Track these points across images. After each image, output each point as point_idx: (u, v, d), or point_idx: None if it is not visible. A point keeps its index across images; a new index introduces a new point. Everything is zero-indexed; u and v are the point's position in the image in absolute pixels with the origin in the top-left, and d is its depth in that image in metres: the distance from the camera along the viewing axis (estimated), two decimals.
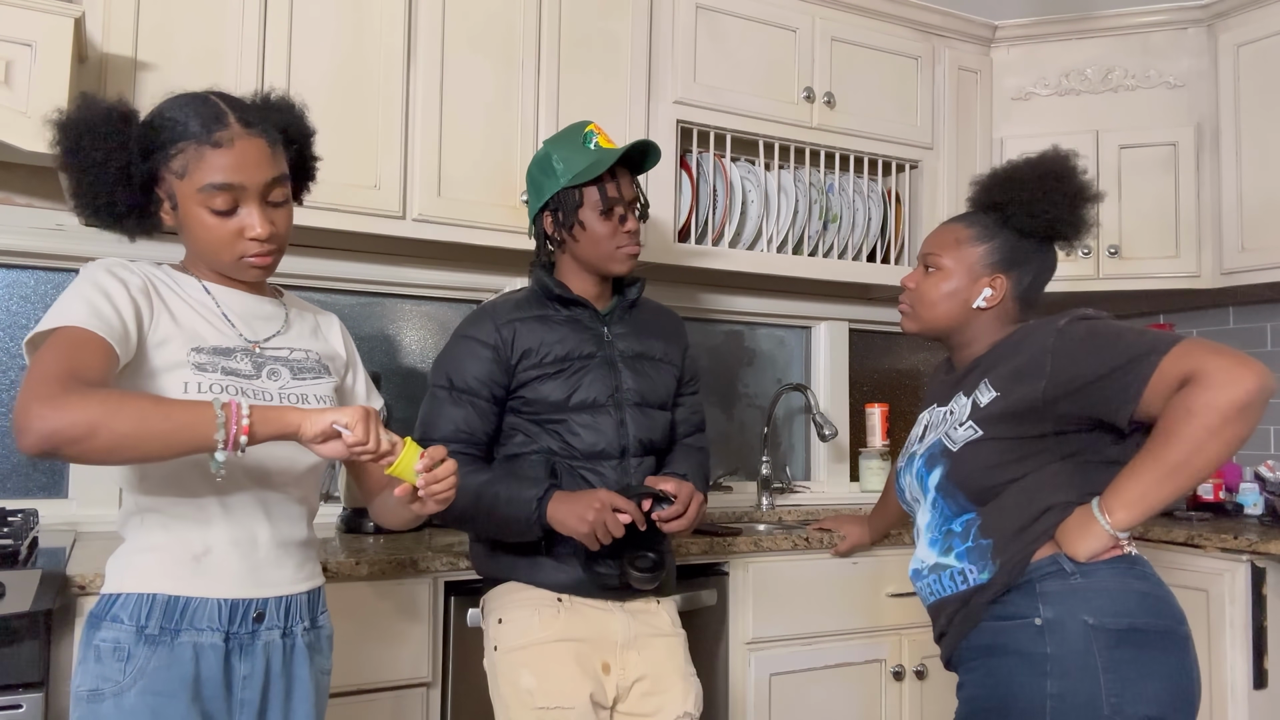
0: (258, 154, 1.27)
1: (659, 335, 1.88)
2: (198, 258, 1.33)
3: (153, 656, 1.21)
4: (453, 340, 1.80)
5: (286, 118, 1.37)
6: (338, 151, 2.16)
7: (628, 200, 1.77)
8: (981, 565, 1.51)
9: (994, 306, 1.62)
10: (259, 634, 1.28)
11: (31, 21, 1.81)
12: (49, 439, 1.05)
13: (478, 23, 2.33)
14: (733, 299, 3.02)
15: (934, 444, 1.60)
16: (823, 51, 2.79)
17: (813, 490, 3.16)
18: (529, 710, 1.64)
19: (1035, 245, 1.63)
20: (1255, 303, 3.08)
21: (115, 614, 1.23)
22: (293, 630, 1.32)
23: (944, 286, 1.64)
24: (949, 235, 1.66)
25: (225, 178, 1.25)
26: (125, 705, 1.19)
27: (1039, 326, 1.55)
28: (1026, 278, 1.63)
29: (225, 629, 1.25)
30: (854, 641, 2.37)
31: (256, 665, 1.28)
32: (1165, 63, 2.92)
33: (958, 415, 1.58)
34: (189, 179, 1.25)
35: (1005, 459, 1.50)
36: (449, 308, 2.68)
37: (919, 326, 1.68)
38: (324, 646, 1.40)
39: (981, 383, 1.56)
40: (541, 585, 1.71)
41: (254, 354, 1.33)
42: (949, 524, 1.57)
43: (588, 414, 1.74)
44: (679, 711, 1.71)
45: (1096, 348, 1.46)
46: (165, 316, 1.27)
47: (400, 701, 1.88)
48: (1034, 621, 1.45)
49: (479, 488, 1.68)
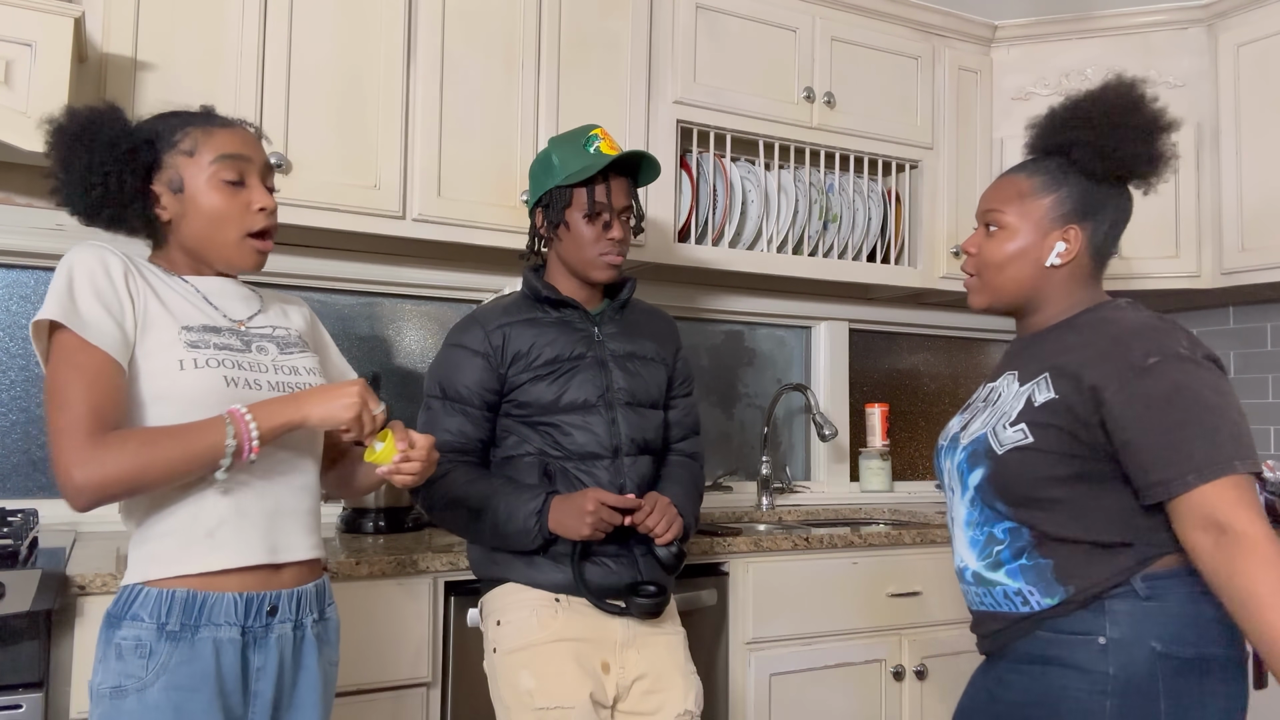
0: (254, 139, 1.40)
1: (650, 335, 1.88)
2: (199, 242, 1.36)
3: (174, 652, 1.24)
4: (444, 349, 1.81)
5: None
6: (338, 151, 2.16)
7: (617, 208, 1.77)
8: (1045, 588, 1.37)
9: (1069, 262, 1.43)
10: (272, 627, 1.31)
11: (31, 21, 1.81)
12: (96, 499, 1.18)
13: (478, 23, 2.33)
14: (733, 299, 3.02)
15: (979, 439, 1.43)
16: (823, 51, 2.79)
17: (813, 490, 3.16)
18: (529, 711, 1.64)
19: (1108, 189, 1.44)
20: (1255, 303, 3.08)
21: (135, 612, 1.25)
22: (303, 622, 1.35)
23: (1010, 246, 1.44)
24: (1010, 188, 1.46)
25: (237, 149, 1.35)
26: (149, 701, 1.22)
27: (1120, 336, 1.35)
28: (1102, 227, 1.44)
29: (242, 623, 1.28)
30: (854, 641, 2.37)
31: (270, 658, 1.31)
32: (1165, 63, 2.92)
33: (1006, 408, 1.42)
34: (199, 155, 1.33)
35: (1055, 473, 1.35)
36: (449, 308, 2.68)
37: (989, 298, 1.49)
38: (332, 638, 1.42)
39: (1042, 376, 1.39)
40: (539, 586, 1.71)
41: (240, 331, 1.37)
42: (990, 527, 1.42)
43: (579, 414, 1.74)
44: (680, 709, 1.71)
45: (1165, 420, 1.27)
46: (152, 299, 1.30)
47: (400, 701, 1.88)
48: (1098, 640, 1.33)
49: (478, 502, 1.69)
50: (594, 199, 1.75)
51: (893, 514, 3.00)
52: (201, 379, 1.27)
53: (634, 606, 1.70)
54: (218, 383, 1.28)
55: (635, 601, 1.70)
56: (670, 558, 1.72)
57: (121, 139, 1.30)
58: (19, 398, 2.22)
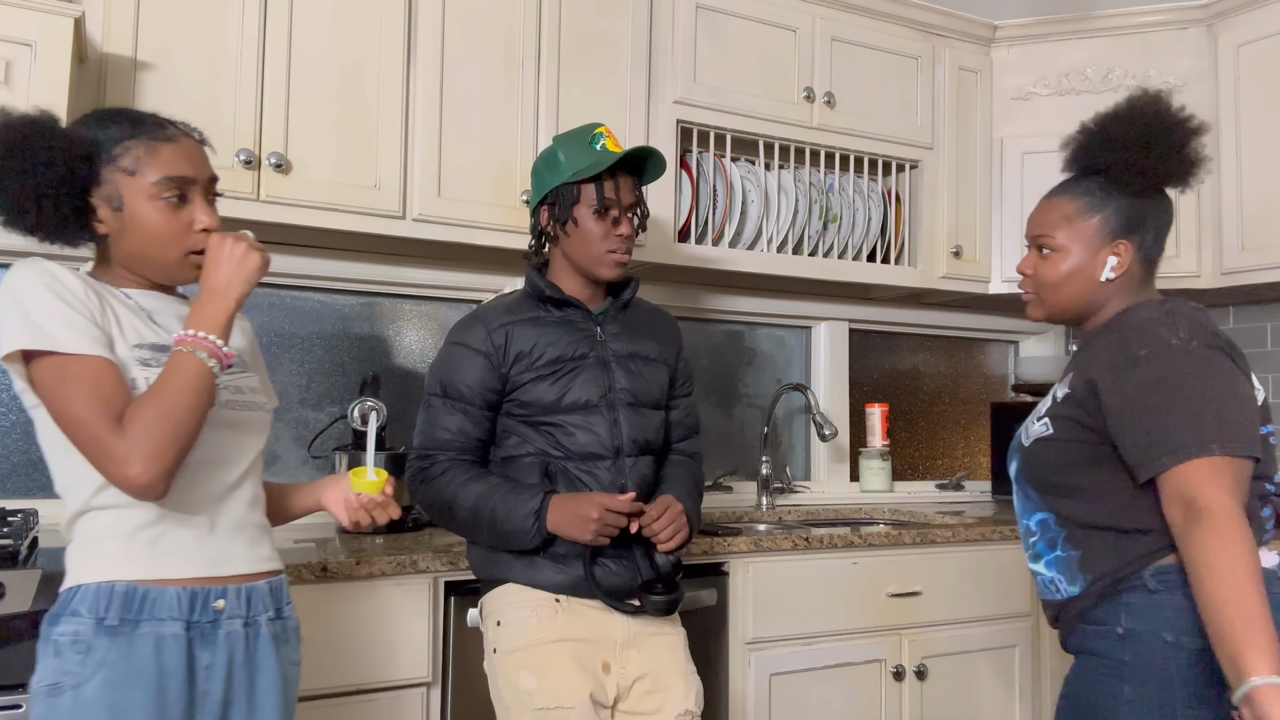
0: (200, 152, 1.36)
1: (652, 336, 1.88)
2: (137, 260, 1.33)
3: (112, 648, 1.21)
4: (445, 347, 1.80)
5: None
6: (338, 151, 2.16)
7: (625, 204, 1.77)
8: (1070, 578, 1.50)
9: (1122, 274, 1.53)
10: (220, 623, 1.28)
11: (31, 21, 1.81)
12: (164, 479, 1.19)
13: (478, 22, 2.33)
14: (733, 299, 3.02)
15: (1016, 437, 1.59)
16: (823, 51, 2.79)
17: (813, 490, 3.16)
18: (529, 711, 1.64)
19: (1150, 199, 1.54)
20: (1255, 303, 3.08)
21: (74, 608, 1.23)
22: (256, 620, 1.32)
23: (1065, 266, 1.54)
24: (1056, 212, 1.56)
25: (179, 170, 1.30)
26: (84, 697, 1.19)
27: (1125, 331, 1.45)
28: (1149, 236, 1.54)
29: (186, 618, 1.25)
30: (854, 641, 2.37)
31: (219, 655, 1.27)
32: (1165, 63, 2.92)
33: (1041, 409, 1.55)
34: (141, 174, 1.29)
35: (1071, 460, 1.47)
36: (449, 308, 2.68)
37: (1046, 312, 1.59)
38: (291, 638, 1.39)
39: (1069, 374, 1.52)
40: (539, 586, 1.71)
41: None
42: (1026, 519, 1.57)
43: (580, 414, 1.74)
44: (680, 709, 1.72)
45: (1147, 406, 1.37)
46: (108, 311, 1.28)
47: (400, 701, 1.88)
48: (1116, 630, 1.44)
49: (476, 501, 1.69)
50: (603, 194, 1.74)
51: (893, 514, 3.00)
52: None
53: (649, 605, 1.70)
54: None
55: (650, 600, 1.70)
56: (668, 565, 1.71)
57: (59, 158, 1.24)
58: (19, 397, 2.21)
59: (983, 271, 3.03)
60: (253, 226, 2.16)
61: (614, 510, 1.64)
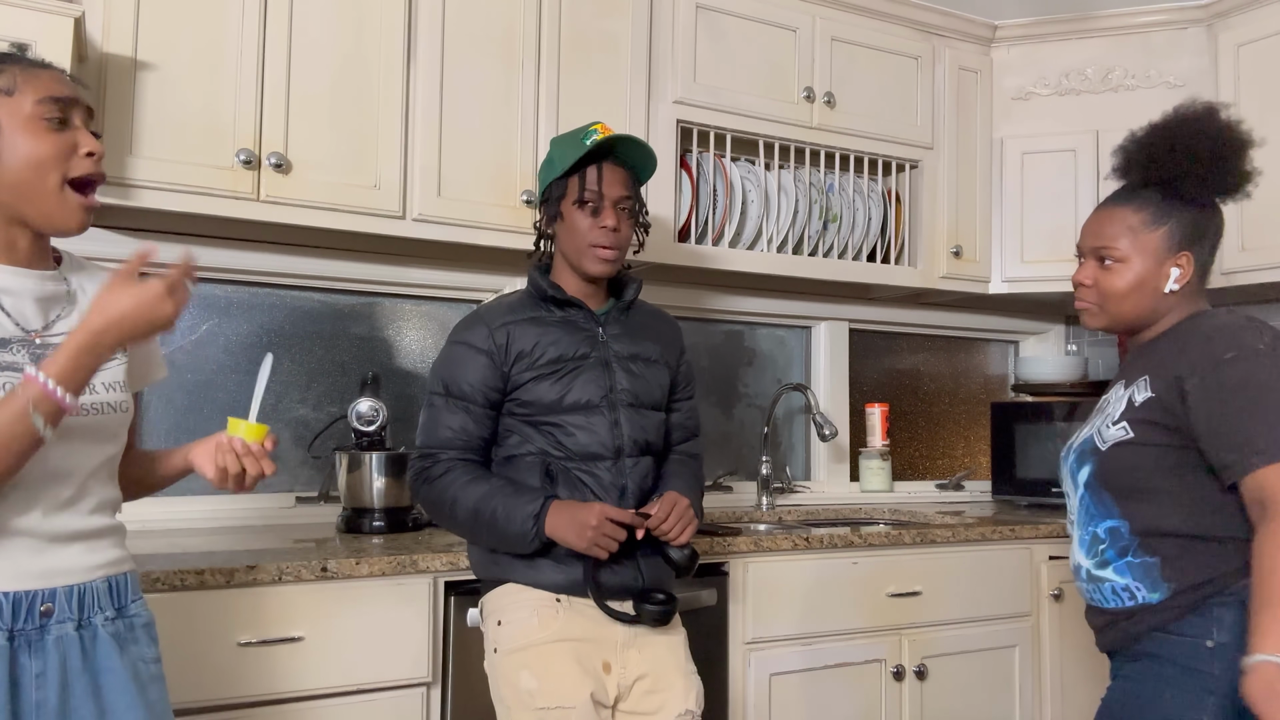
0: (76, 85, 1.28)
1: (654, 338, 1.88)
2: (12, 198, 1.22)
3: None
4: (447, 346, 1.81)
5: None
6: (338, 151, 2.16)
7: (611, 197, 1.76)
8: (1151, 584, 1.47)
9: (1183, 285, 1.54)
10: (49, 628, 1.21)
11: (31, 21, 1.81)
12: None
13: (478, 23, 2.33)
14: (733, 299, 3.02)
15: (1087, 440, 1.56)
16: (823, 51, 2.79)
17: (813, 490, 3.16)
18: (530, 711, 1.64)
19: (1209, 211, 1.54)
20: (1255, 303, 3.07)
21: None
22: (91, 622, 1.25)
23: (1129, 277, 1.54)
24: (1120, 224, 1.55)
25: (63, 91, 1.24)
26: None
27: (1207, 336, 1.46)
28: (1207, 247, 1.55)
29: (9, 626, 1.18)
30: (854, 641, 2.37)
31: (50, 662, 1.20)
32: (1165, 63, 2.92)
33: (1113, 410, 1.53)
34: (20, 94, 1.21)
35: (1156, 465, 1.46)
36: (449, 308, 2.68)
37: (1108, 322, 1.58)
38: (140, 635, 1.31)
39: (1142, 379, 1.50)
40: (540, 586, 1.71)
41: (32, 344, 1.24)
42: (1094, 526, 1.54)
43: (581, 415, 1.74)
44: (680, 709, 1.71)
45: (1235, 408, 1.39)
46: None
47: (400, 701, 1.88)
48: (1205, 644, 1.42)
49: (477, 502, 1.69)
50: (584, 185, 1.75)
51: (893, 514, 3.00)
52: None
53: (645, 615, 1.70)
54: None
55: (646, 609, 1.70)
56: (685, 559, 1.71)
57: None
58: None
59: (983, 271, 3.03)
60: (253, 226, 2.17)
61: (614, 520, 1.63)
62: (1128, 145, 1.58)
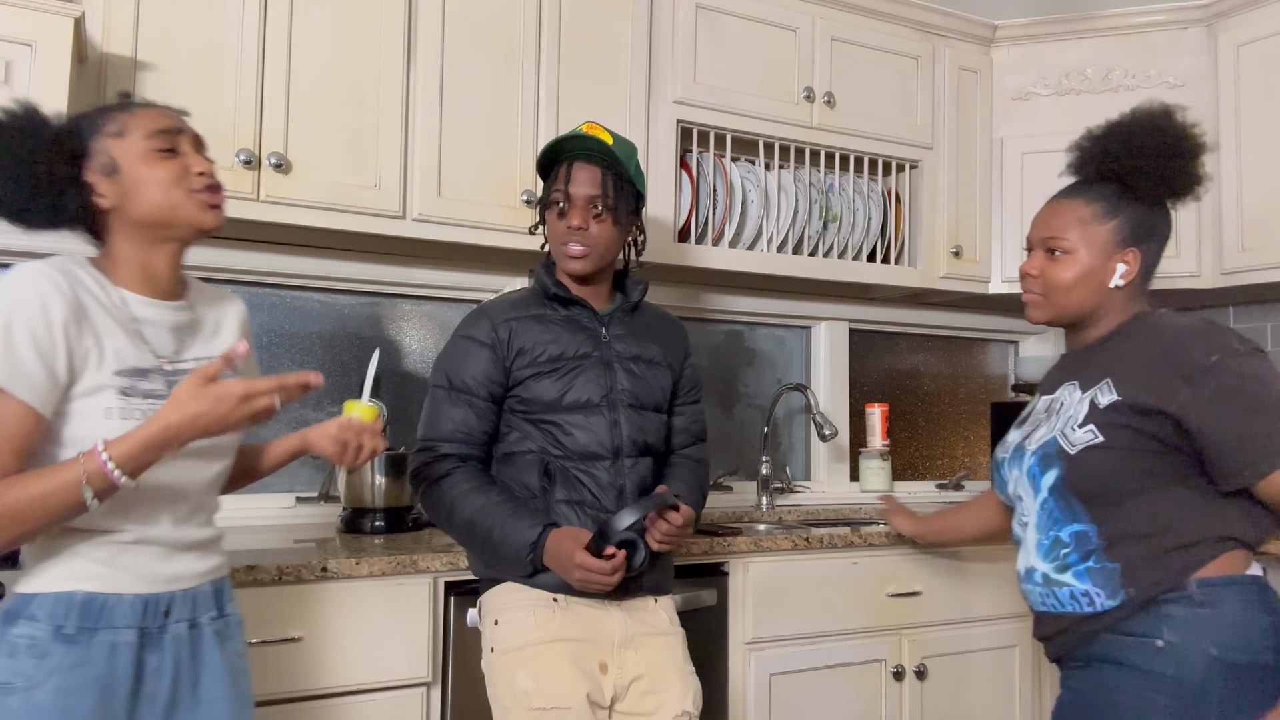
0: (180, 116, 1.40)
1: (658, 340, 1.88)
2: (146, 222, 1.33)
3: (68, 655, 1.23)
4: (451, 340, 1.81)
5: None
6: (338, 151, 2.16)
7: (578, 197, 1.75)
8: (1111, 591, 1.46)
9: (1128, 282, 1.53)
10: (167, 628, 1.32)
11: (31, 21, 1.81)
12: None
13: (478, 23, 2.33)
14: (733, 299, 3.02)
15: (1049, 442, 1.52)
16: (823, 51, 2.79)
17: (813, 490, 3.16)
18: (526, 711, 1.64)
19: (1158, 211, 1.55)
20: (1255, 303, 3.08)
21: (32, 613, 1.24)
22: (198, 621, 1.36)
23: (1076, 270, 1.53)
24: (1070, 215, 1.55)
25: (166, 123, 1.35)
26: (35, 701, 1.21)
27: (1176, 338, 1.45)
28: (1155, 247, 1.55)
29: (139, 625, 1.29)
30: (854, 641, 2.37)
31: (166, 658, 1.31)
32: (1165, 63, 2.92)
33: (1072, 413, 1.50)
34: (130, 134, 1.32)
35: (1129, 468, 1.44)
36: (449, 308, 2.68)
37: (1051, 314, 1.58)
38: (234, 633, 1.43)
39: (1103, 381, 1.48)
40: (537, 586, 1.71)
41: (165, 372, 1.34)
42: (1058, 530, 1.51)
43: (581, 414, 1.74)
44: (677, 710, 1.71)
45: (1239, 410, 1.38)
46: (91, 340, 1.27)
47: (400, 701, 1.88)
48: (1155, 643, 1.41)
49: (475, 515, 1.69)
50: (551, 185, 1.77)
51: None
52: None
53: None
54: None
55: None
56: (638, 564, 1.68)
57: (43, 128, 1.29)
58: None
59: (983, 271, 3.03)
60: (253, 226, 2.17)
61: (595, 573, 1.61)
62: (1084, 142, 1.59)
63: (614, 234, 1.79)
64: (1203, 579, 1.41)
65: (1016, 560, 1.63)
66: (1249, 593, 1.42)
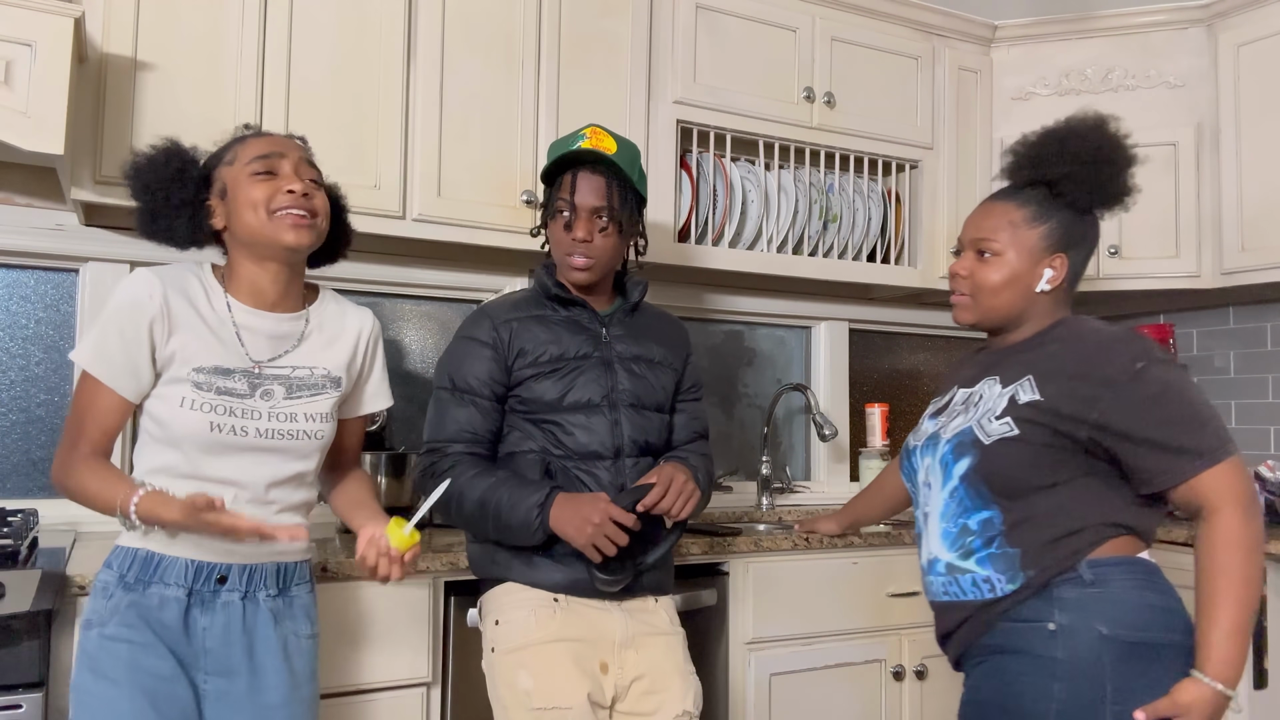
0: (289, 142, 1.57)
1: (659, 340, 1.87)
2: (245, 239, 1.51)
3: (125, 598, 1.44)
4: (453, 341, 1.82)
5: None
6: (338, 151, 2.16)
7: (584, 207, 1.73)
8: (1010, 575, 1.47)
9: (1054, 288, 1.55)
10: (220, 593, 1.47)
11: (31, 21, 1.81)
12: (60, 493, 1.49)
13: (478, 23, 2.33)
14: (733, 299, 3.02)
15: (965, 431, 1.53)
16: (823, 51, 2.79)
17: (813, 490, 3.16)
18: (527, 711, 1.64)
19: (1087, 219, 1.57)
20: (1255, 303, 3.08)
21: (109, 561, 1.47)
22: (255, 595, 1.50)
23: (1003, 272, 1.55)
24: (1001, 218, 1.57)
25: (267, 149, 1.52)
26: (107, 633, 1.42)
27: (1100, 345, 1.47)
28: (1082, 254, 1.57)
29: (189, 586, 1.45)
30: (854, 641, 2.37)
31: (216, 620, 1.47)
32: (1165, 63, 2.92)
33: (990, 405, 1.52)
34: (238, 161, 1.51)
35: (1039, 462, 1.46)
36: (449, 308, 2.68)
37: (978, 316, 1.60)
38: (298, 614, 1.55)
39: (1025, 379, 1.50)
40: (538, 585, 1.71)
41: (253, 374, 1.50)
42: (965, 518, 1.52)
43: (582, 414, 1.74)
44: (678, 710, 1.71)
45: (1160, 417, 1.41)
46: (177, 337, 1.47)
47: (400, 701, 1.88)
48: (1048, 626, 1.43)
49: (483, 494, 1.69)
50: (555, 195, 1.76)
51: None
52: (191, 419, 1.45)
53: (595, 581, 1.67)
54: (203, 426, 1.45)
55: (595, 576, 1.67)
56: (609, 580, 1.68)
57: (184, 161, 1.52)
58: (19, 398, 2.22)
59: None
60: None
61: (616, 521, 1.62)
62: (1018, 147, 1.61)
63: (618, 243, 1.79)
64: (1094, 560, 1.44)
65: (919, 554, 1.64)
66: (1137, 572, 1.45)
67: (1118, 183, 1.54)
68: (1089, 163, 1.52)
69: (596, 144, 1.74)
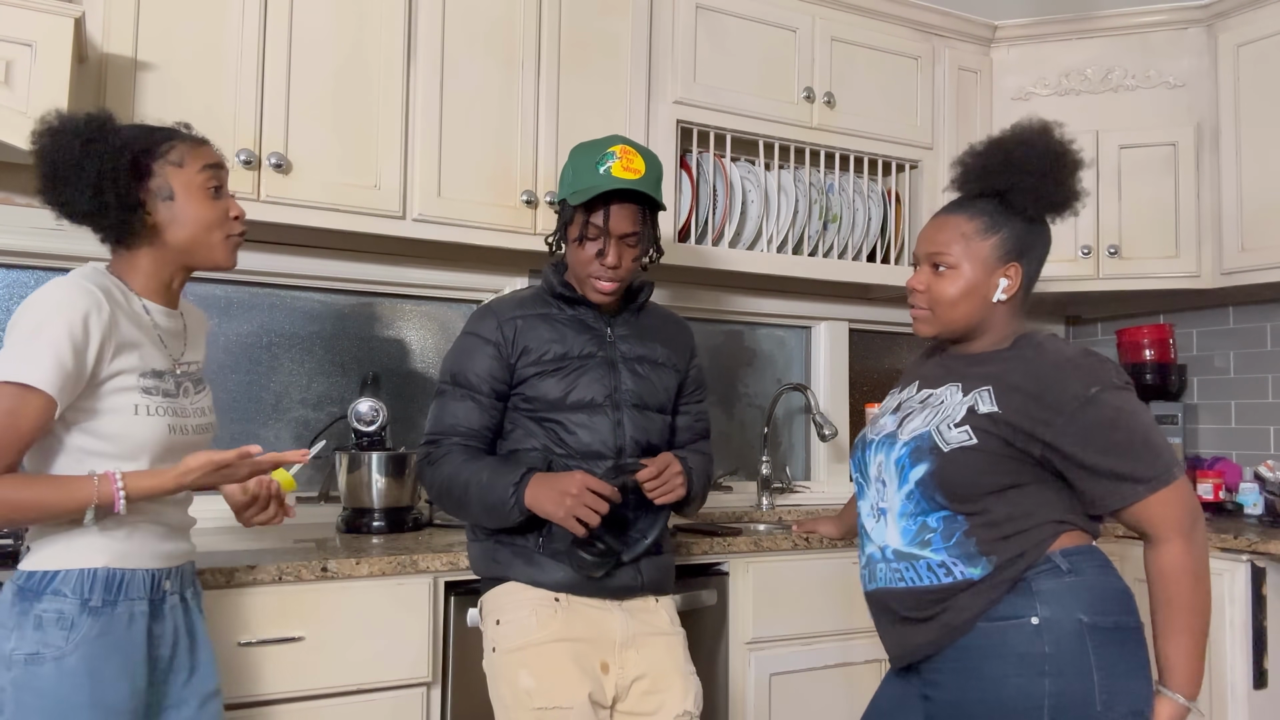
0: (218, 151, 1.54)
1: (663, 341, 1.88)
2: (185, 246, 1.48)
3: (94, 625, 1.37)
4: (459, 338, 1.83)
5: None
6: (338, 151, 2.16)
7: (616, 234, 1.73)
8: (969, 560, 1.48)
9: (1010, 297, 1.57)
10: (166, 599, 1.47)
11: (31, 21, 1.81)
12: None
13: (478, 23, 2.33)
14: (732, 299, 3.02)
15: (923, 436, 1.54)
16: (823, 51, 2.79)
17: (813, 490, 3.16)
18: (528, 711, 1.64)
19: (1038, 226, 1.58)
20: (1255, 303, 3.08)
21: (57, 588, 1.37)
22: (184, 596, 1.52)
23: (960, 285, 1.56)
24: (954, 231, 1.58)
25: (214, 159, 1.50)
26: (66, 667, 1.34)
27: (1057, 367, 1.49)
28: (1035, 262, 1.59)
29: (149, 596, 1.44)
30: (854, 641, 2.37)
31: (167, 626, 1.47)
32: (1165, 63, 2.92)
33: (950, 412, 1.53)
34: (188, 165, 1.46)
35: (996, 469, 1.48)
36: (449, 308, 2.68)
37: (938, 328, 1.61)
38: (200, 606, 1.58)
39: (984, 389, 1.52)
40: (539, 585, 1.71)
41: (175, 374, 1.50)
42: (925, 517, 1.52)
43: (584, 413, 1.74)
44: (679, 710, 1.72)
45: (1107, 444, 1.44)
46: (122, 345, 1.40)
47: (400, 701, 1.88)
48: (1030, 621, 1.44)
49: (468, 476, 1.71)
50: (588, 223, 1.72)
51: None
52: (149, 425, 1.41)
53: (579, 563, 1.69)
54: (162, 429, 1.43)
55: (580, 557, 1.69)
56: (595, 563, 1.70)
57: (125, 148, 1.40)
58: None
59: None
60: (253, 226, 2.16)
61: (594, 490, 1.63)
62: (966, 158, 1.63)
63: (635, 262, 1.79)
64: (1067, 549, 1.47)
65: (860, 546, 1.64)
66: (1100, 558, 1.51)
67: (1065, 189, 1.56)
68: (1035, 172, 1.53)
69: (627, 164, 1.72)
